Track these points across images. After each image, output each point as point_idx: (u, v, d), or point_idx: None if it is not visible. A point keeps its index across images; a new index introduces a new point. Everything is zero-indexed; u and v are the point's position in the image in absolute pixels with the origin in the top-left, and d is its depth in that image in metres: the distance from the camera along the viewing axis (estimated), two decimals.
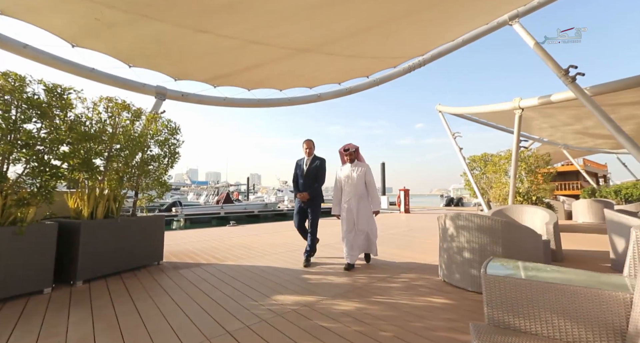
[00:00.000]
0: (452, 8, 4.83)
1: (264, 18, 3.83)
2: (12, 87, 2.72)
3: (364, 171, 3.89)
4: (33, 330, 2.08)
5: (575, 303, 1.30)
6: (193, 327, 2.14)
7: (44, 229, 2.88)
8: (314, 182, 3.97)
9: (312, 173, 3.97)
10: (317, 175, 3.98)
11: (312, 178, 3.97)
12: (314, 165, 3.99)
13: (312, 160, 4.03)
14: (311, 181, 3.96)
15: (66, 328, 2.11)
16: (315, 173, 3.98)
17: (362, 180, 3.85)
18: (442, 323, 2.20)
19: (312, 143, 4.12)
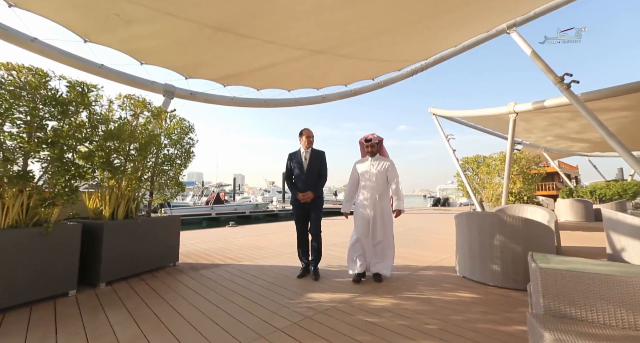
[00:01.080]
0: (456, 16, 5.04)
1: (285, 17, 3.87)
2: (37, 84, 2.62)
3: (386, 166, 3.31)
4: (79, 332, 2.03)
5: (630, 293, 1.45)
6: (241, 325, 2.15)
7: (68, 230, 2.78)
8: (317, 179, 3.39)
9: (315, 168, 3.40)
10: (320, 171, 3.42)
11: (315, 174, 3.39)
12: (316, 159, 3.41)
13: (312, 153, 3.42)
14: (314, 177, 3.37)
15: (111, 330, 2.07)
16: (318, 168, 3.41)
17: (383, 177, 3.28)
18: (478, 315, 2.33)
19: (312, 132, 3.50)
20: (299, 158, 3.42)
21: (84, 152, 2.93)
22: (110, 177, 3.16)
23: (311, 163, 3.39)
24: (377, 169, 3.29)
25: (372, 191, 3.26)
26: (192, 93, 5.45)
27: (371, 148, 3.34)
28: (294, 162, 3.45)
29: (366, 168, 3.35)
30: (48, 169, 2.70)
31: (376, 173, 3.28)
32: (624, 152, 4.62)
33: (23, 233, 2.49)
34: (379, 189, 3.26)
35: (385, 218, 3.21)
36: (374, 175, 3.28)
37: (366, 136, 3.39)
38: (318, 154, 3.45)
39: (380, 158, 3.38)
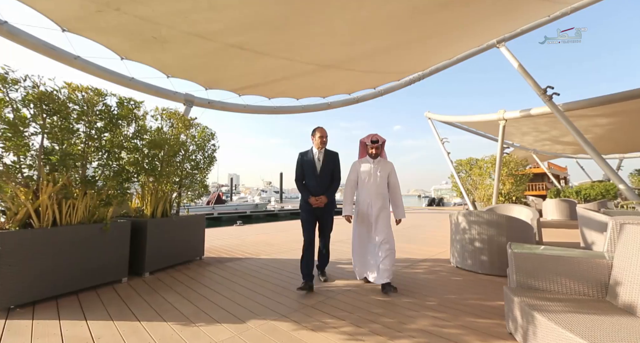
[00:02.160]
0: (452, 34, 5.61)
1: (299, 37, 4.36)
2: (96, 101, 3.07)
3: (388, 170, 3.17)
4: (147, 307, 2.51)
5: (576, 269, 1.98)
6: (277, 303, 2.64)
7: (120, 226, 3.24)
8: (331, 182, 3.19)
9: (329, 170, 3.18)
10: (333, 173, 3.21)
11: (329, 177, 3.18)
12: (330, 160, 3.20)
13: (326, 154, 3.19)
14: (327, 180, 3.17)
15: (172, 306, 2.55)
16: (332, 170, 3.20)
17: (385, 180, 3.14)
18: (469, 295, 2.87)
19: (326, 131, 3.25)
20: (312, 158, 3.16)
21: (133, 159, 3.39)
22: (153, 181, 3.62)
23: (325, 164, 3.16)
24: (379, 172, 3.14)
25: (373, 194, 3.11)
26: (209, 102, 5.91)
27: (376, 150, 3.17)
28: (306, 163, 3.18)
29: (367, 169, 3.17)
30: (105, 175, 3.16)
31: (379, 175, 3.13)
32: (596, 156, 5.23)
33: (88, 228, 2.95)
34: (380, 193, 3.11)
35: (386, 221, 3.07)
36: (377, 178, 3.12)
37: (371, 137, 3.18)
38: (332, 155, 3.23)
39: (382, 160, 3.23)
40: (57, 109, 2.77)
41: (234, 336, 2.03)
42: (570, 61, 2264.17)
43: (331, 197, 3.19)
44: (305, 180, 3.22)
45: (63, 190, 2.78)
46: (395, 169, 3.27)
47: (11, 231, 2.47)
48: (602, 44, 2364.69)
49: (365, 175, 3.18)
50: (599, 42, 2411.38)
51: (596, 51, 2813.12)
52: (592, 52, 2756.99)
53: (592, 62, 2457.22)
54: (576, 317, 1.60)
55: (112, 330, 2.11)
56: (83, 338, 2.00)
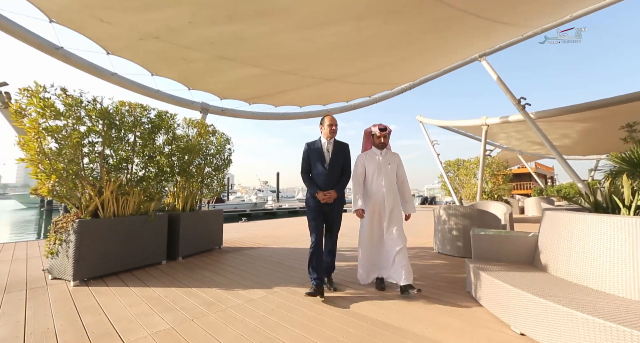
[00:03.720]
0: (439, 51, 6.39)
1: (307, 59, 5.08)
2: (141, 115, 3.75)
3: (397, 161, 3.02)
4: (191, 279, 3.20)
5: (515, 244, 2.75)
6: (294, 277, 3.36)
7: (160, 218, 3.92)
8: (341, 176, 2.90)
9: (338, 163, 2.89)
10: (344, 166, 2.94)
11: (338, 170, 2.90)
12: (340, 152, 2.92)
13: (335, 144, 2.92)
14: (337, 174, 2.87)
15: (211, 279, 3.24)
16: (342, 163, 2.92)
17: (394, 172, 2.97)
18: (444, 270, 3.63)
19: (336, 120, 2.96)
20: (320, 149, 2.87)
21: (169, 162, 4.07)
22: (185, 181, 4.31)
23: (334, 156, 2.87)
24: (389, 164, 2.95)
25: (385, 189, 2.90)
26: (223, 110, 6.58)
27: (384, 139, 2.97)
28: (313, 154, 2.88)
29: (376, 161, 2.97)
30: (148, 175, 3.84)
31: (389, 167, 2.94)
32: (559, 157, 6.08)
33: (138, 219, 3.63)
34: (390, 186, 2.92)
35: (398, 217, 2.90)
36: (387, 170, 2.93)
37: (379, 125, 2.98)
38: (342, 146, 2.95)
39: (389, 152, 3.05)
40: (115, 123, 3.44)
41: (266, 295, 2.74)
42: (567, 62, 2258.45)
43: (341, 192, 2.89)
44: (313, 173, 2.89)
45: (120, 188, 3.46)
46: (402, 161, 3.09)
47: (88, 219, 3.15)
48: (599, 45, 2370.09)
49: (374, 168, 2.96)
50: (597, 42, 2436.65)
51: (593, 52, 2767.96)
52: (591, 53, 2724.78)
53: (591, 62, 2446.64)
54: (508, 273, 2.35)
55: (172, 293, 2.81)
56: (153, 297, 2.69)
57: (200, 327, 2.07)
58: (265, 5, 3.59)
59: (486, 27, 5.43)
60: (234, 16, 3.76)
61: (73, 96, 3.21)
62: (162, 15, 3.63)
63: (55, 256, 3.18)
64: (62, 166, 3.03)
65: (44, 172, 2.98)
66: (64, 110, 3.04)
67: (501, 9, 4.73)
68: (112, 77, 4.85)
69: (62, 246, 3.13)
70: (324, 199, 2.79)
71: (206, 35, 4.07)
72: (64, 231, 3.12)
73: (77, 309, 2.40)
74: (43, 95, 3.06)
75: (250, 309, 2.41)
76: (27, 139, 3.04)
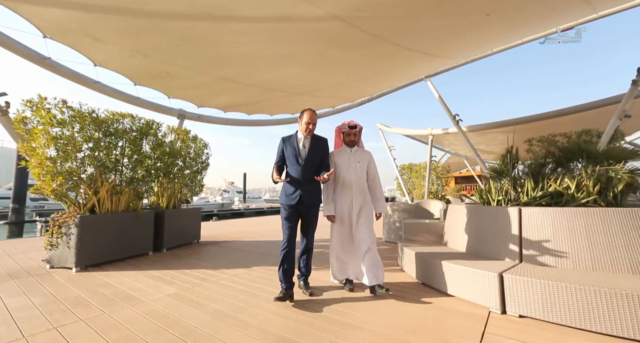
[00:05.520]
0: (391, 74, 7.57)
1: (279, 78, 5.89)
2: (134, 123, 4.28)
3: (367, 159, 2.95)
4: (180, 264, 3.85)
5: (431, 229, 3.83)
6: (268, 260, 4.14)
7: (148, 214, 4.46)
8: (318, 171, 2.72)
9: (316, 159, 2.74)
10: (322, 161, 2.79)
11: (315, 167, 2.74)
12: (318, 148, 2.77)
13: (313, 139, 2.77)
14: (314, 170, 2.71)
15: (197, 263, 3.91)
16: (320, 160, 2.78)
17: (364, 171, 2.91)
18: (386, 254, 4.65)
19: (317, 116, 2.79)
20: (295, 145, 2.73)
21: (155, 165, 4.62)
22: (168, 181, 4.86)
23: (311, 152, 2.72)
24: (359, 162, 2.88)
25: (353, 188, 2.84)
26: (199, 116, 7.08)
27: (354, 137, 2.93)
28: (288, 149, 2.74)
29: (345, 160, 2.91)
30: (138, 177, 4.37)
31: (358, 166, 2.87)
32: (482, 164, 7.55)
33: (129, 215, 4.15)
34: (360, 185, 2.87)
35: (369, 217, 2.86)
36: (356, 169, 2.86)
37: (348, 123, 2.94)
38: (320, 142, 2.80)
39: (359, 150, 2.99)
40: (109, 131, 3.96)
41: (246, 272, 3.51)
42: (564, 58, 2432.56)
43: (318, 187, 2.77)
44: (287, 169, 2.76)
45: (114, 188, 3.98)
46: (374, 159, 3.03)
47: (87, 215, 3.64)
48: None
49: (344, 167, 2.89)
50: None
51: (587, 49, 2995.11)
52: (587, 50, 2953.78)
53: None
54: (423, 247, 3.38)
55: (168, 273, 3.45)
56: (153, 276, 3.32)
57: (201, 291, 2.80)
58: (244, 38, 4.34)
59: (426, 57, 6.69)
60: (219, 40, 4.44)
61: (73, 108, 3.69)
62: (153, 39, 4.20)
63: (55, 248, 3.62)
64: (66, 169, 3.51)
65: (49, 174, 3.44)
66: (69, 120, 3.53)
67: (435, 47, 5.96)
68: (95, 85, 5.19)
69: (63, 239, 3.59)
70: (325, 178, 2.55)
71: (191, 55, 4.68)
72: (65, 225, 3.59)
73: (92, 285, 2.97)
74: (46, 106, 3.52)
75: (236, 280, 3.17)
76: (28, 146, 3.48)
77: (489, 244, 2.89)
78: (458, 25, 4.95)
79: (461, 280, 2.51)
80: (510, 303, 2.17)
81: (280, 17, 3.99)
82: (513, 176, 3.49)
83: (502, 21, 5.12)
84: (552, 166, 3.60)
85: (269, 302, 2.49)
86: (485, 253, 2.89)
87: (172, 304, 2.46)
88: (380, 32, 4.69)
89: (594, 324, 1.83)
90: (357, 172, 2.88)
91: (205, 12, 3.77)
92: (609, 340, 1.76)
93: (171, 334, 1.91)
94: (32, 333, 1.93)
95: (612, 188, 2.68)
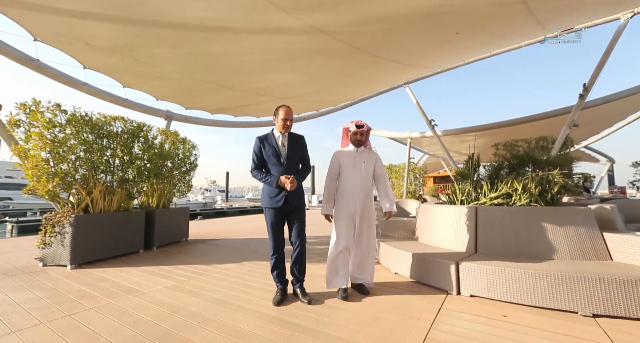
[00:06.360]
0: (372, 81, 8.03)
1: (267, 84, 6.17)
2: (124, 126, 4.44)
3: (374, 160, 2.91)
4: (172, 260, 4.07)
5: (405, 225, 4.28)
6: (255, 256, 4.44)
7: (139, 213, 4.63)
8: (298, 169, 2.71)
9: (296, 156, 2.69)
10: (303, 158, 2.75)
11: (296, 164, 2.71)
12: (297, 145, 2.70)
13: (291, 136, 2.70)
14: (295, 168, 2.68)
15: (189, 260, 4.15)
16: (300, 156, 2.73)
17: (371, 171, 2.87)
18: None
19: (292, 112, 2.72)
20: (275, 144, 2.63)
21: (146, 167, 4.78)
22: (159, 182, 5.04)
23: (291, 150, 2.65)
24: (365, 162, 2.83)
25: (358, 188, 2.78)
26: (186, 118, 7.20)
27: (360, 136, 2.87)
28: (268, 149, 2.63)
29: (351, 160, 2.86)
30: (129, 177, 4.53)
31: (364, 166, 2.82)
32: (454, 166, 8.18)
33: (121, 214, 4.31)
34: (365, 186, 2.81)
35: (371, 219, 2.83)
36: (362, 169, 2.81)
37: (356, 122, 2.88)
38: (298, 139, 2.74)
39: (365, 150, 2.94)
40: (102, 134, 4.11)
41: (238, 266, 3.80)
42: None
43: (299, 182, 2.62)
44: (268, 167, 2.66)
45: (106, 188, 4.14)
46: (381, 160, 2.99)
47: (81, 214, 3.80)
48: None
49: (348, 166, 2.84)
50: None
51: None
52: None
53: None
54: (398, 243, 3.80)
55: (163, 269, 3.67)
56: (149, 271, 3.54)
57: (197, 283, 3.07)
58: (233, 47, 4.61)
59: (405, 67, 7.19)
60: (209, 49, 4.67)
61: (67, 111, 3.82)
62: (145, 45, 4.36)
63: (49, 247, 3.75)
64: (61, 170, 3.65)
65: (44, 175, 3.57)
66: (65, 124, 3.67)
67: (412, 58, 6.46)
68: (83, 86, 5.23)
69: (57, 238, 3.73)
70: (291, 185, 2.48)
71: (182, 61, 4.86)
72: (60, 225, 3.72)
73: (92, 280, 3.17)
74: (41, 110, 3.64)
75: (229, 273, 3.46)
76: (21, 148, 3.60)
77: (451, 238, 3.35)
78: (431, 41, 5.45)
79: (427, 269, 2.95)
80: (464, 286, 2.63)
81: (268, 29, 4.29)
82: (475, 179, 4.00)
83: (470, 38, 5.68)
84: (507, 170, 4.14)
85: (261, 292, 2.81)
86: (448, 246, 3.35)
87: (173, 294, 2.73)
88: (361, 45, 5.09)
89: (526, 298, 2.31)
90: (362, 173, 2.81)
91: (197, 24, 4.01)
92: (537, 310, 2.24)
93: (179, 317, 2.20)
94: (49, 320, 2.16)
95: (550, 190, 3.22)
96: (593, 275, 2.11)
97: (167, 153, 5.09)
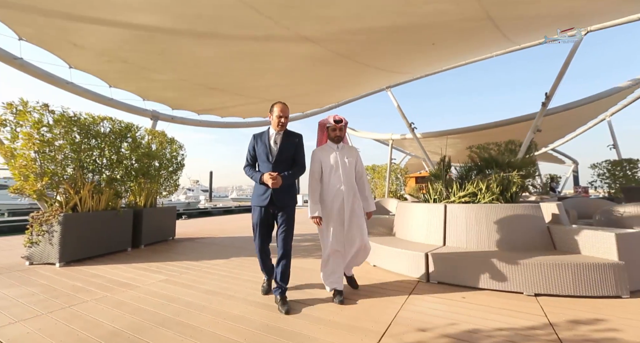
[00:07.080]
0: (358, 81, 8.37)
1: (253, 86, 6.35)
2: (114, 126, 4.51)
3: (355, 156, 2.80)
4: (161, 257, 4.21)
5: (384, 222, 4.62)
6: (243, 252, 4.64)
7: (127, 212, 4.71)
8: (290, 168, 2.59)
9: (288, 156, 2.58)
10: (296, 158, 2.63)
11: (287, 164, 2.58)
12: (290, 144, 2.59)
13: (286, 135, 2.59)
14: (285, 168, 2.56)
15: (178, 257, 4.30)
16: (292, 156, 2.61)
17: (353, 168, 2.74)
18: None
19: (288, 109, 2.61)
20: (267, 141, 2.57)
21: (134, 166, 4.86)
22: (146, 181, 5.12)
23: (283, 149, 2.55)
24: (347, 159, 2.72)
25: (343, 187, 2.65)
26: (173, 118, 7.23)
27: (340, 132, 2.75)
28: (259, 146, 2.59)
29: (333, 157, 2.73)
30: (118, 177, 4.60)
31: (347, 163, 2.70)
32: (432, 166, 8.66)
33: (109, 213, 4.39)
34: (351, 183, 2.69)
35: (360, 218, 2.71)
36: (345, 166, 2.69)
37: (333, 116, 2.76)
38: (293, 137, 2.62)
39: (345, 146, 2.83)
40: (91, 134, 4.18)
41: (226, 261, 3.99)
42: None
43: (290, 180, 2.55)
44: (260, 165, 2.63)
45: (95, 188, 4.21)
46: (360, 156, 2.89)
47: (70, 213, 3.86)
48: None
49: (331, 164, 2.72)
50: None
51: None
52: None
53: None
54: (377, 238, 4.11)
55: (153, 265, 3.81)
56: (140, 267, 3.67)
57: (189, 277, 3.25)
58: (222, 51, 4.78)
59: (386, 73, 7.57)
60: (198, 52, 4.82)
61: (54, 111, 3.87)
62: (135, 48, 4.45)
63: (36, 245, 3.80)
64: (50, 170, 3.71)
65: (33, 175, 3.62)
66: (54, 124, 3.73)
67: (393, 64, 6.83)
68: (68, 85, 5.19)
69: (45, 236, 3.78)
70: (274, 183, 2.39)
71: (170, 63, 4.96)
72: (48, 223, 3.78)
73: (83, 276, 3.28)
74: (28, 110, 3.68)
75: (218, 268, 3.65)
76: (8, 147, 3.63)
77: (423, 233, 3.71)
78: (410, 50, 5.83)
79: (400, 260, 3.28)
80: (433, 274, 2.97)
81: (256, 36, 4.49)
82: (446, 179, 4.39)
83: (445, 48, 6.11)
84: (476, 171, 4.57)
85: (250, 283, 3.04)
86: (420, 240, 3.71)
87: (166, 287, 2.90)
88: (345, 53, 5.39)
89: (483, 283, 2.67)
90: (346, 170, 2.68)
91: (187, 28, 4.15)
92: (492, 292, 2.60)
93: (176, 305, 2.40)
94: (50, 311, 2.30)
95: (509, 189, 3.64)
96: (535, 261, 2.50)
97: (155, 153, 5.18)
